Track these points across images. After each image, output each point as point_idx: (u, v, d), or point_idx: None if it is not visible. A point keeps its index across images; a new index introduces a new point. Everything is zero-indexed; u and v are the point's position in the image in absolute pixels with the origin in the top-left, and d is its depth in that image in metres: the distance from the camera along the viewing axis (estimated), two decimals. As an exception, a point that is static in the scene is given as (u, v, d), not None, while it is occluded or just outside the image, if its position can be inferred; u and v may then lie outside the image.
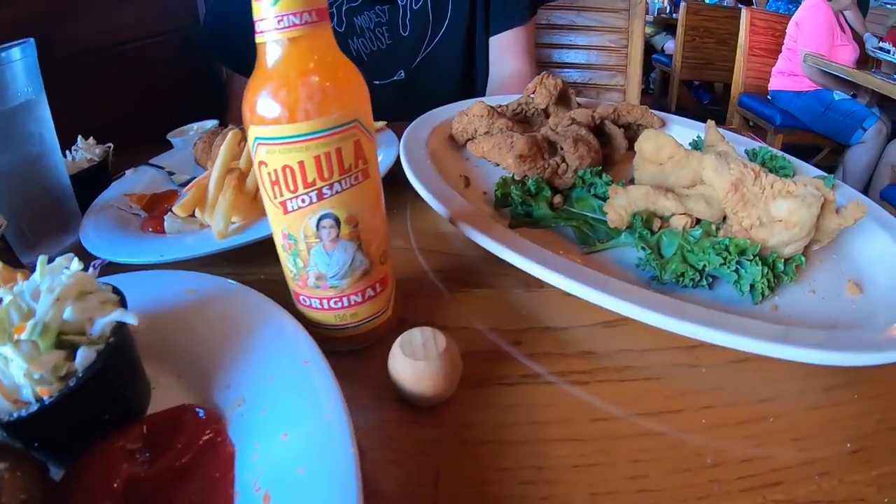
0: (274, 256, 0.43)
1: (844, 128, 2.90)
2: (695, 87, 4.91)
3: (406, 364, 0.38)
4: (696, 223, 0.56)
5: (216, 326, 0.43)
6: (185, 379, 0.41)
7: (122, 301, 0.37)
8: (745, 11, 3.34)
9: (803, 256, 0.52)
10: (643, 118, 0.82)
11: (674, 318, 0.41)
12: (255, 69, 0.36)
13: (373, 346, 0.45)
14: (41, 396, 0.30)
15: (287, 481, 0.31)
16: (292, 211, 0.37)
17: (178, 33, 1.36)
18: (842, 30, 3.07)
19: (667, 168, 0.60)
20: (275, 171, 0.36)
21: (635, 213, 0.56)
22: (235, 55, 1.18)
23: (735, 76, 3.45)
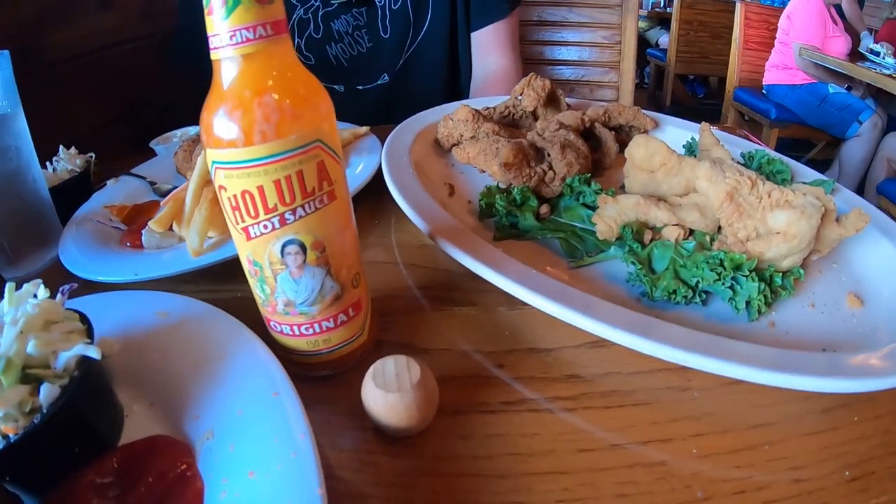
0: (251, 273, 0.41)
1: (840, 121, 2.89)
2: (689, 82, 4.87)
3: (378, 396, 0.35)
4: (690, 234, 0.53)
5: (187, 352, 0.42)
6: (157, 407, 0.40)
7: (89, 331, 0.36)
8: (739, 5, 3.31)
9: (802, 269, 0.50)
10: (635, 119, 0.80)
11: (661, 345, 0.39)
12: (211, 87, 0.33)
13: (348, 370, 0.43)
14: (7, 434, 0.30)
15: (254, 521, 0.30)
16: (255, 237, 0.35)
17: (162, 37, 1.33)
18: (833, 22, 3.05)
19: (659, 176, 0.58)
20: (234, 197, 0.33)
21: (625, 225, 0.53)
22: (206, 70, 1.15)
23: (730, 70, 3.43)
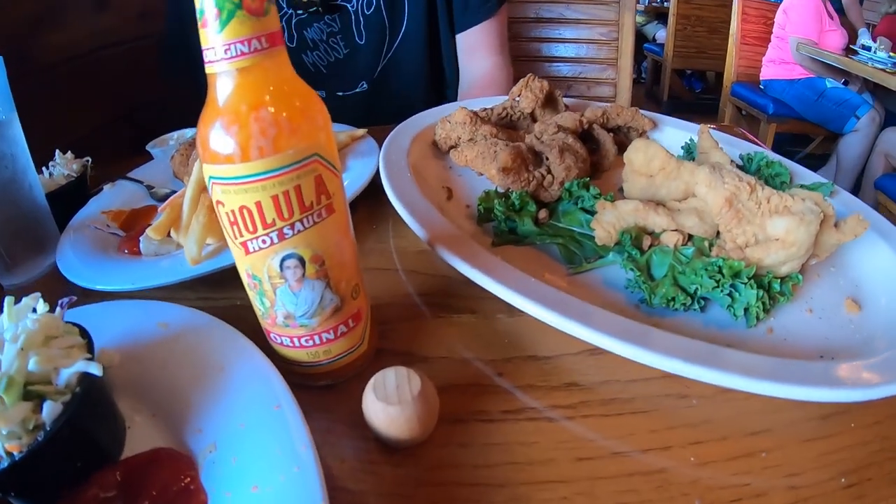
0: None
1: (837, 116, 2.89)
2: (687, 77, 4.86)
3: (379, 408, 0.36)
4: (689, 239, 0.54)
5: (188, 364, 0.42)
6: (159, 418, 0.40)
7: (90, 345, 0.36)
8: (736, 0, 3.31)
9: (800, 274, 0.50)
10: (633, 120, 0.80)
11: (659, 355, 0.39)
12: (206, 100, 0.33)
13: (349, 379, 0.43)
14: (11, 452, 0.30)
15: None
16: (254, 252, 0.35)
17: (158, 37, 1.32)
18: (829, 16, 3.04)
19: (657, 180, 0.58)
20: (232, 212, 0.33)
21: (624, 230, 0.53)
22: (196, 82, 1.14)
23: (727, 65, 3.42)
